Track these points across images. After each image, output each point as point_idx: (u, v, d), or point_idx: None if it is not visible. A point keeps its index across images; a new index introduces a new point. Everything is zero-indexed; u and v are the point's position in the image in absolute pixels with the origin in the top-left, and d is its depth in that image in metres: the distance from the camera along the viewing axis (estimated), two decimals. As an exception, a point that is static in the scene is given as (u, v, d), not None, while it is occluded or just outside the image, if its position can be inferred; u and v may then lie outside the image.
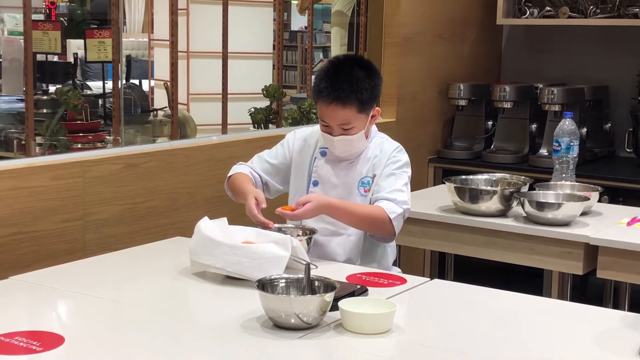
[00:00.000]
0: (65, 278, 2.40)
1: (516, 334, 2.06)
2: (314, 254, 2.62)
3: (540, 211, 3.19)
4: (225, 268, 2.32)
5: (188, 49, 5.57)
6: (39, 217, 2.82)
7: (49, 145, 3.64)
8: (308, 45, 4.86)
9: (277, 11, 4.69)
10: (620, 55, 4.84)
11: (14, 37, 5.52)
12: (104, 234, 3.03)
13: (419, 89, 4.72)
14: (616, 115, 4.91)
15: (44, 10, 8.67)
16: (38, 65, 4.66)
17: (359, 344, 1.93)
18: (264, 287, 2.05)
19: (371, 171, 2.70)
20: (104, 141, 3.93)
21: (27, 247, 2.79)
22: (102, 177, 3.02)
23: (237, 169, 2.82)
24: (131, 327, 2.04)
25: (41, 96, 4.41)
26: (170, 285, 2.38)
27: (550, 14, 4.77)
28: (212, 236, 2.37)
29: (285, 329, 1.97)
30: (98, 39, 3.88)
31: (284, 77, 4.89)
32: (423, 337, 2.02)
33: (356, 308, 2.00)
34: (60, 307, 2.25)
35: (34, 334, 1.91)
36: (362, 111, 2.62)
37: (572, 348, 1.97)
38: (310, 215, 2.56)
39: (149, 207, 3.21)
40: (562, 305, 2.26)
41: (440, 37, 4.81)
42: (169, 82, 3.82)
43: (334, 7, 5.89)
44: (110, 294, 2.26)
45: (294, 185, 2.80)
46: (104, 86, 4.74)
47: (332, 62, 2.70)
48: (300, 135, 2.83)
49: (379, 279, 2.40)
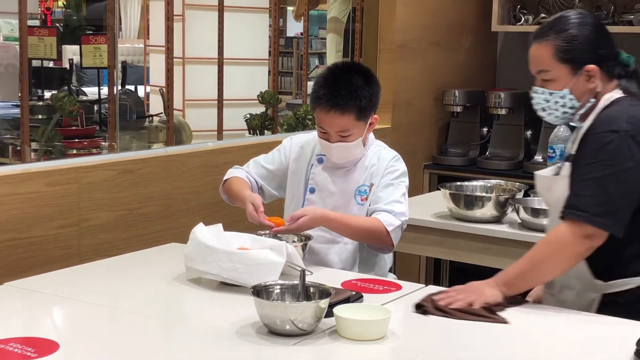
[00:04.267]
0: (60, 284, 2.39)
1: (511, 339, 2.06)
2: (310, 261, 2.62)
3: (535, 217, 3.20)
4: (221, 274, 2.32)
5: (184, 55, 5.57)
6: (34, 223, 2.82)
7: (44, 151, 3.64)
8: (304, 51, 4.86)
9: (272, 17, 4.69)
10: (615, 62, 4.85)
11: (10, 43, 5.53)
12: (100, 240, 3.03)
13: (414, 96, 4.73)
14: (611, 121, 4.91)
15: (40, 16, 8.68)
16: (33, 71, 4.67)
17: (354, 350, 1.93)
18: (259, 293, 2.05)
19: (369, 180, 2.70)
20: (100, 147, 3.94)
21: (22, 253, 2.78)
22: (97, 183, 3.02)
23: (233, 172, 2.82)
24: (126, 333, 2.04)
25: (37, 102, 4.41)
26: (165, 291, 2.38)
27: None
28: (207, 242, 2.37)
29: (280, 336, 1.97)
30: (94, 44, 3.88)
31: (279, 83, 4.89)
32: (418, 343, 2.02)
33: (351, 314, 2.00)
34: (55, 313, 2.24)
35: (28, 340, 1.90)
36: (361, 118, 2.63)
37: (568, 353, 1.97)
38: (305, 229, 2.56)
39: (145, 213, 3.21)
40: (557, 311, 2.26)
41: (435, 43, 4.82)
42: (164, 88, 3.83)
43: (329, 14, 5.90)
44: (106, 300, 2.26)
45: (290, 192, 2.80)
46: (100, 92, 4.74)
47: (330, 69, 2.70)
48: (297, 141, 2.83)
49: (374, 285, 2.41)
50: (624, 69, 2.37)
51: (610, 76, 2.34)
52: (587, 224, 2.17)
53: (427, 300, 2.22)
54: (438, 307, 2.18)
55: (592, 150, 2.22)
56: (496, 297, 2.22)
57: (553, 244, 2.23)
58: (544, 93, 2.34)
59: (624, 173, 2.19)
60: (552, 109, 2.35)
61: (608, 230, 2.18)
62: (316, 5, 7.07)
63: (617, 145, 2.19)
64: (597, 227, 2.17)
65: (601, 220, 2.17)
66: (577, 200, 2.20)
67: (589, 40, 2.30)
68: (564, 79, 2.31)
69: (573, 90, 2.31)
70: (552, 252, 2.22)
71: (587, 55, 2.30)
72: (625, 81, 2.35)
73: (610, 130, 2.21)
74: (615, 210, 2.18)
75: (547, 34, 2.32)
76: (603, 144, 2.20)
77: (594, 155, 2.21)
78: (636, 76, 2.37)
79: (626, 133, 2.19)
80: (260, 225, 2.58)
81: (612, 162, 2.19)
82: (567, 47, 2.29)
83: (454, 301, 2.19)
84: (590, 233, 2.18)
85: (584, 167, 2.22)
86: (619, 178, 2.19)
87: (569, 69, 2.30)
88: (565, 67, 2.30)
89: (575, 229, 2.19)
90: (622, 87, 2.34)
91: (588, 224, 2.17)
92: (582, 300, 2.33)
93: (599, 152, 2.21)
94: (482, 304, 2.18)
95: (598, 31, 2.34)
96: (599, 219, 2.17)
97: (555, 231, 2.23)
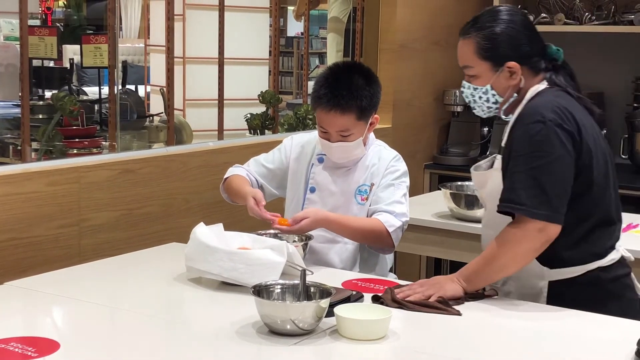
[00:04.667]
0: (61, 284, 2.39)
1: (511, 339, 2.06)
2: (311, 260, 2.62)
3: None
4: (221, 274, 2.32)
5: (184, 54, 5.56)
6: (35, 222, 2.82)
7: (44, 151, 3.63)
8: (304, 51, 4.86)
9: (273, 17, 4.69)
10: (616, 62, 4.85)
11: (10, 43, 5.53)
12: (100, 240, 3.03)
13: (415, 96, 4.73)
14: (611, 121, 4.91)
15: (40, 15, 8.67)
16: (34, 70, 4.66)
17: (354, 350, 1.93)
18: (260, 293, 2.06)
19: (369, 179, 2.70)
20: (100, 147, 3.93)
21: (22, 252, 2.78)
22: (98, 182, 3.02)
23: (233, 171, 2.83)
24: (127, 333, 2.04)
25: (37, 102, 4.40)
26: (165, 291, 2.38)
27: (546, 20, 4.78)
28: (208, 242, 2.37)
29: (280, 335, 1.97)
30: (94, 44, 3.87)
31: (280, 82, 4.89)
32: (418, 343, 2.02)
33: (352, 314, 2.00)
34: (56, 313, 2.24)
35: (29, 340, 1.90)
36: (361, 118, 2.63)
37: (569, 353, 1.97)
38: (307, 231, 2.56)
39: (145, 213, 3.21)
40: (558, 311, 2.26)
41: (436, 43, 4.82)
42: (165, 88, 3.83)
43: (330, 13, 5.90)
44: (106, 300, 2.26)
45: (291, 191, 2.80)
46: (100, 92, 4.73)
47: (331, 69, 2.70)
48: (298, 141, 2.83)
49: (375, 285, 2.41)
50: (551, 63, 2.39)
51: (536, 71, 2.36)
52: (527, 217, 2.19)
53: (386, 292, 2.26)
54: (394, 300, 2.22)
55: (521, 142, 2.25)
56: (456, 291, 2.26)
57: (506, 242, 2.25)
58: (469, 88, 2.41)
59: (554, 162, 2.21)
60: (478, 103, 2.40)
61: (547, 220, 2.20)
62: (317, 5, 7.07)
63: (545, 136, 2.21)
64: (537, 219, 2.19)
65: (539, 212, 2.19)
66: (512, 194, 2.23)
67: (510, 38, 2.33)
68: (486, 76, 2.35)
69: (495, 86, 2.35)
70: (506, 250, 2.25)
71: (509, 53, 2.32)
72: (552, 74, 2.37)
73: (536, 120, 2.23)
74: (550, 200, 2.20)
75: (469, 31, 2.38)
76: (531, 134, 2.23)
77: (523, 147, 2.24)
78: (564, 69, 2.40)
79: (552, 122, 2.22)
80: (261, 221, 2.57)
81: (541, 153, 2.21)
82: (487, 45, 2.33)
83: (413, 294, 2.23)
84: (541, 227, 2.20)
85: (515, 160, 2.25)
86: (549, 168, 2.21)
87: (490, 65, 2.34)
88: (487, 64, 2.34)
89: (528, 224, 2.21)
90: (548, 80, 2.36)
91: (529, 218, 2.19)
92: (527, 289, 2.35)
93: (527, 143, 2.23)
94: (438, 297, 2.22)
95: (521, 28, 2.36)
96: (537, 211, 2.19)
97: (507, 228, 2.25)
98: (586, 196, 2.28)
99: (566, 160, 2.22)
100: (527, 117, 2.26)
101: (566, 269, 2.31)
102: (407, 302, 2.21)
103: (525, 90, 2.35)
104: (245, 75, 5.51)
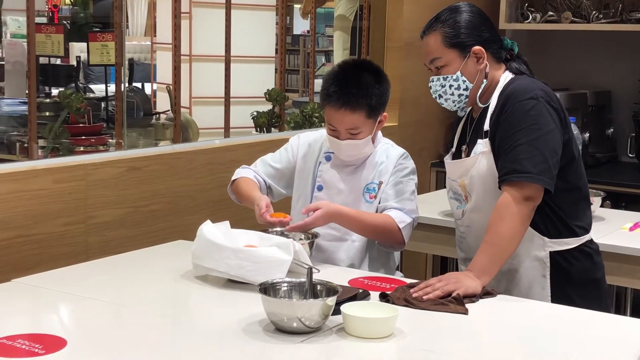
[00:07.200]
0: (67, 281, 2.40)
1: (518, 338, 2.06)
2: (318, 258, 2.62)
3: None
4: (228, 272, 2.32)
5: (191, 52, 5.57)
6: (41, 220, 2.82)
7: (51, 148, 3.64)
8: (310, 49, 4.87)
9: (279, 15, 4.69)
10: (623, 61, 4.84)
11: (17, 40, 5.53)
12: (106, 237, 3.03)
13: (422, 94, 4.70)
14: (619, 120, 4.91)
15: (47, 13, 8.68)
16: (41, 68, 4.67)
17: (361, 348, 1.93)
18: (266, 291, 2.06)
19: (377, 177, 2.70)
20: (107, 144, 3.94)
21: (29, 250, 2.79)
22: (104, 180, 3.02)
23: (241, 172, 2.82)
24: (133, 331, 2.04)
25: (44, 99, 4.41)
26: (172, 288, 2.38)
27: (553, 19, 4.78)
28: (214, 240, 2.37)
29: (287, 333, 1.97)
30: (101, 42, 3.88)
31: (286, 81, 4.90)
32: (425, 341, 2.02)
33: (358, 312, 1.99)
34: (63, 310, 2.25)
35: (36, 337, 1.91)
36: (371, 116, 2.62)
37: (574, 353, 1.96)
38: (321, 222, 2.55)
39: (151, 211, 3.21)
40: (565, 310, 2.26)
41: (442, 41, 4.80)
42: (171, 86, 3.83)
43: (336, 11, 5.90)
44: (112, 297, 2.26)
45: (298, 189, 2.80)
46: (107, 89, 4.74)
47: (341, 67, 2.69)
48: (305, 140, 2.83)
49: (382, 283, 2.40)
50: (509, 53, 2.57)
51: (498, 59, 2.54)
52: (531, 183, 2.32)
53: (396, 290, 2.27)
54: (401, 297, 2.23)
55: (517, 117, 2.40)
56: (476, 288, 2.29)
57: (503, 217, 2.34)
58: (439, 80, 2.55)
59: (549, 134, 2.38)
60: (448, 93, 2.54)
61: (547, 186, 2.34)
62: (323, 3, 7.07)
63: (538, 111, 2.39)
64: (540, 185, 2.33)
65: (541, 178, 2.34)
66: (517, 165, 2.35)
67: (471, 24, 2.50)
68: (455, 62, 2.51)
69: (465, 72, 2.51)
70: (505, 225, 2.33)
71: (472, 38, 2.50)
72: (512, 63, 2.55)
73: (529, 97, 2.40)
74: (549, 168, 2.36)
75: (434, 25, 2.55)
76: (526, 109, 2.39)
77: (520, 122, 2.38)
78: (519, 58, 2.58)
79: (543, 99, 2.40)
80: (271, 225, 2.57)
81: (538, 125, 2.37)
82: (452, 33, 2.50)
83: (432, 290, 2.24)
84: (529, 194, 2.34)
85: (514, 135, 2.38)
86: (546, 139, 2.37)
87: (457, 52, 2.50)
88: (454, 52, 2.50)
89: (515, 194, 2.33)
90: (512, 69, 2.54)
91: (532, 183, 2.32)
92: (532, 261, 2.47)
93: (524, 118, 2.38)
94: (456, 294, 2.23)
95: (480, 17, 2.54)
96: (540, 177, 2.34)
97: (499, 206, 2.36)
98: (571, 167, 2.46)
99: (557, 134, 2.40)
100: (519, 94, 2.42)
101: (562, 240, 2.47)
102: (414, 299, 2.21)
103: (493, 77, 2.51)
104: (252, 73, 5.52)
